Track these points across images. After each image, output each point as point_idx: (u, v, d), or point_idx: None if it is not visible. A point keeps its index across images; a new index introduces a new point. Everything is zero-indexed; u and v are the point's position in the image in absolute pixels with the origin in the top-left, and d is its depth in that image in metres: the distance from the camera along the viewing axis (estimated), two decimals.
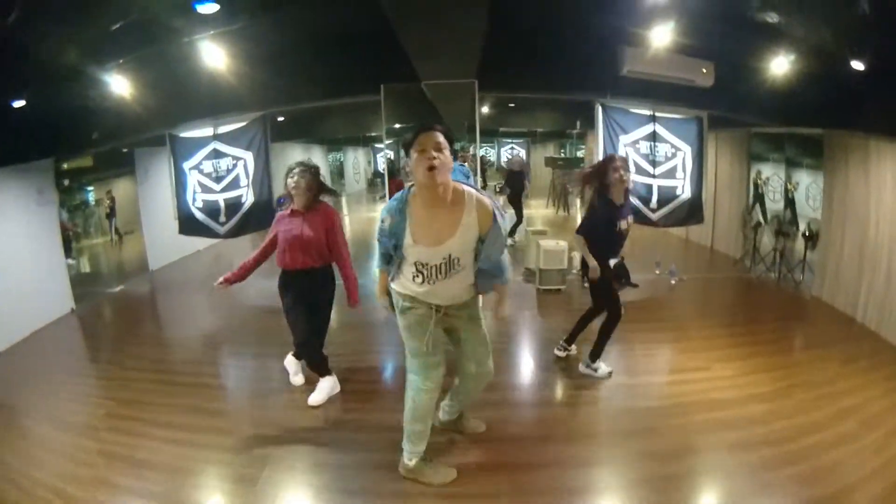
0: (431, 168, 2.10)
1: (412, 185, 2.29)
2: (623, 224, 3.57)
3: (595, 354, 3.78)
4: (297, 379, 3.82)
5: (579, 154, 13.53)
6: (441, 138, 2.16)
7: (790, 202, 7.00)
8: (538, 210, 12.19)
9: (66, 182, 12.30)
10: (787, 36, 4.38)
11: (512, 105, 10.52)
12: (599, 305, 3.85)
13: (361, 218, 13.05)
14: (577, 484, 2.58)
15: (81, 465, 2.90)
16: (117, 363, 4.48)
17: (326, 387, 3.56)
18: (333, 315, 3.68)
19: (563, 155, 14.42)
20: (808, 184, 6.89)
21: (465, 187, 2.28)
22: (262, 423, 3.30)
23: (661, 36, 4.76)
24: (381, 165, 13.65)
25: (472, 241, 2.26)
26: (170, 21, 3.80)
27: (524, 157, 14.24)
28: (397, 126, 8.16)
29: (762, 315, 5.50)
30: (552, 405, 3.53)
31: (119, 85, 4.59)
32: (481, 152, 12.22)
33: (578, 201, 12.23)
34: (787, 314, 5.53)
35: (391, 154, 6.20)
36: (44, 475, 2.84)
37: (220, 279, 3.41)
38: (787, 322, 5.26)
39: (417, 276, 2.32)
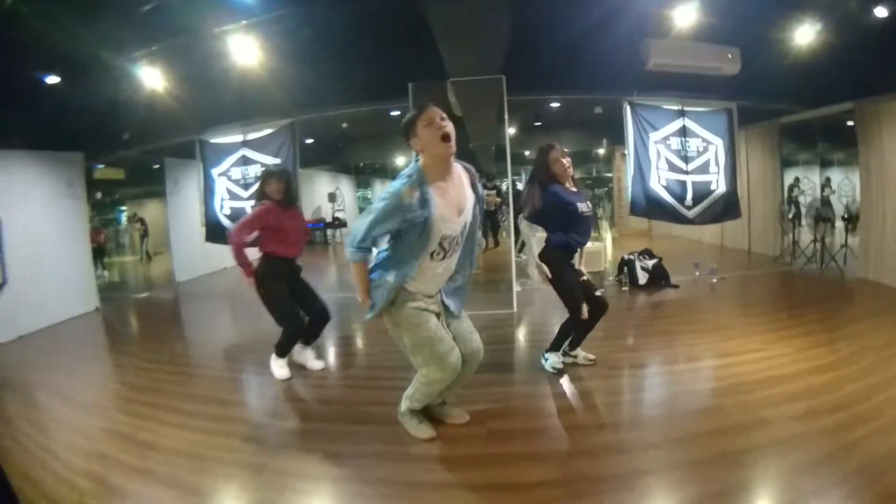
0: (446, 137, 2.10)
1: (418, 161, 2.23)
2: (583, 207, 3.21)
3: (552, 346, 3.42)
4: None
5: (608, 175, 13.39)
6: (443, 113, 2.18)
7: (826, 199, 6.97)
8: None
9: (99, 195, 12.88)
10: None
11: (537, 124, 10.52)
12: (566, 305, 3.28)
13: None
14: (644, 467, 2.25)
15: (83, 438, 2.84)
16: (134, 354, 4.49)
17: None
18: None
19: (593, 175, 14.25)
20: (840, 181, 6.88)
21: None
22: (275, 413, 3.13)
23: (685, 18, 4.74)
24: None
25: (474, 206, 2.31)
26: (200, 7, 3.90)
27: None
28: None
29: (808, 300, 5.37)
30: (600, 395, 3.12)
31: (149, 78, 4.74)
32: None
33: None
34: (833, 296, 5.46)
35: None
36: (49, 443, 2.80)
37: (246, 279, 3.46)
38: (834, 303, 5.15)
39: (439, 252, 2.23)
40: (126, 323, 6.15)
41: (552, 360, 3.41)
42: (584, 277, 3.32)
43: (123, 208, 15.43)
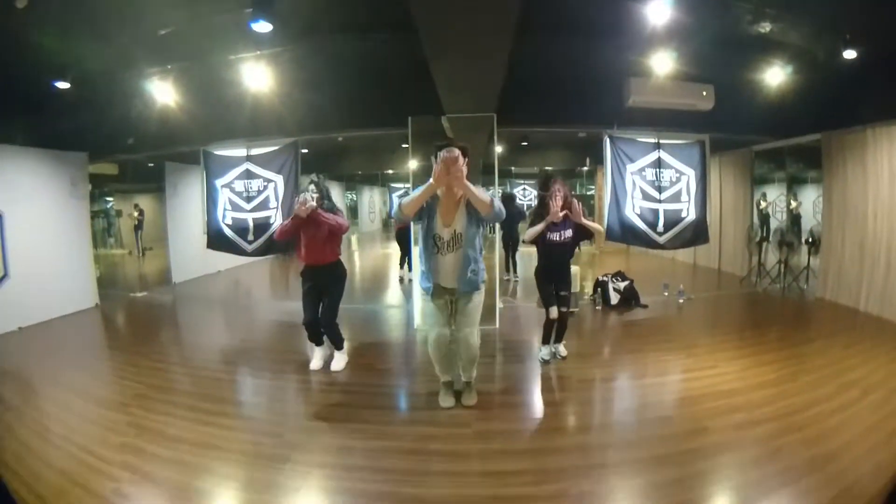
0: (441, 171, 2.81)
1: None
2: (555, 236, 4.04)
3: (542, 341, 4.32)
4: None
5: (589, 192, 13.91)
6: (457, 153, 2.80)
7: (795, 218, 7.33)
8: None
9: (89, 187, 12.77)
10: (780, 43, 4.82)
11: (524, 144, 10.95)
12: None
13: (376, 254, 13.25)
14: (597, 461, 2.73)
15: (110, 432, 3.05)
16: (144, 354, 4.63)
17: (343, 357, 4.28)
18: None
19: (574, 193, 14.58)
20: (813, 199, 7.32)
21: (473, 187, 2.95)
22: (290, 412, 3.50)
23: (663, 64, 5.20)
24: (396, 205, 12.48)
25: (470, 221, 3.09)
26: (216, 36, 4.22)
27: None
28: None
29: (768, 321, 5.73)
30: (563, 403, 3.67)
31: (160, 93, 5.01)
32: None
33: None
34: (792, 316, 5.86)
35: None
36: (73, 436, 3.01)
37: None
38: (792, 322, 5.56)
39: (434, 246, 3.13)
40: (128, 322, 6.37)
41: (542, 352, 4.32)
42: (563, 293, 4.18)
43: (111, 199, 15.45)
